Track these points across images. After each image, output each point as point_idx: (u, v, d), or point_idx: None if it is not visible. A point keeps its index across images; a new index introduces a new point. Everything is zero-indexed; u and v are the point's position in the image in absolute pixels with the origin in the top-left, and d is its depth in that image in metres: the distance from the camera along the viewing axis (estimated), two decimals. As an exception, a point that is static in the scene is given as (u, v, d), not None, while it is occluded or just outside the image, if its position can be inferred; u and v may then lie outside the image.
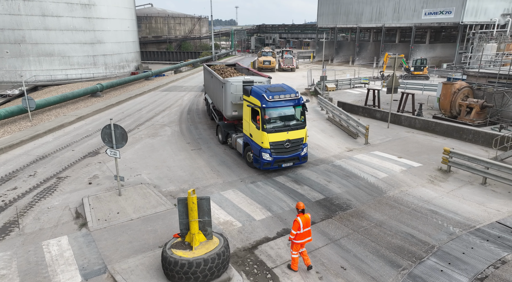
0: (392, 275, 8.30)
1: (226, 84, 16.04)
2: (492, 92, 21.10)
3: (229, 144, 17.24)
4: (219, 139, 18.20)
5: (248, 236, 9.88)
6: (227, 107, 16.48)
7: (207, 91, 23.51)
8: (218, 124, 18.42)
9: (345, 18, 60.94)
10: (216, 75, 18.41)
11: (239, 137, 16.05)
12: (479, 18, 46.61)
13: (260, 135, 13.47)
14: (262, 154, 13.46)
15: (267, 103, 13.28)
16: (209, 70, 21.42)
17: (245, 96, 14.56)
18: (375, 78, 40.40)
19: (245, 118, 14.85)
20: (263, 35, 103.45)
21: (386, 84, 23.15)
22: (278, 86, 14.52)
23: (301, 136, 13.95)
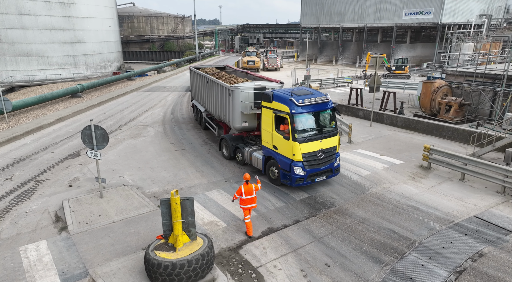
0: (375, 271, 8.42)
1: (235, 91, 14.11)
2: (469, 91, 21.71)
3: (238, 159, 15.02)
4: (224, 155, 15.86)
5: (233, 236, 9.85)
6: (236, 118, 14.54)
7: (195, 97, 21.41)
8: (222, 138, 15.88)
9: (328, 18, 61.56)
10: (216, 81, 16.28)
11: (255, 150, 14.08)
12: (456, 18, 47.89)
13: (289, 146, 11.64)
14: (293, 168, 11.57)
15: (297, 108, 11.54)
16: (201, 75, 19.11)
17: (266, 102, 12.57)
18: (358, 77, 40.98)
19: (265, 127, 12.82)
20: (247, 34, 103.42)
21: (369, 83, 23.52)
22: (301, 89, 12.90)
23: (335, 144, 12.41)
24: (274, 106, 12.18)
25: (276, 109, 12.05)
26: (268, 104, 12.46)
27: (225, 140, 15.65)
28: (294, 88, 13.07)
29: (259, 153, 13.70)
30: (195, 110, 22.22)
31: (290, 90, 12.66)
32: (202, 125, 20.37)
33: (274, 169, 12.67)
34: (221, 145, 16.12)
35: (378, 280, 8.13)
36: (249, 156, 14.18)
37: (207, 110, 18.85)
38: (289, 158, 11.77)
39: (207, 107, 18.52)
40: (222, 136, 16.06)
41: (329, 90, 34.04)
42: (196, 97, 21.33)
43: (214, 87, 16.71)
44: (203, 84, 18.92)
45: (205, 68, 21.67)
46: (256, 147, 14.45)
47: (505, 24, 48.05)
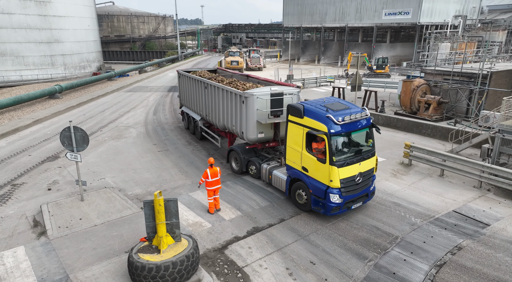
0: (359, 267, 8.55)
1: (250, 98, 12.39)
2: (447, 89, 22.33)
3: (252, 173, 13.55)
4: (233, 168, 14.19)
5: (218, 236, 9.79)
6: (251, 129, 12.78)
7: (187, 104, 19.10)
8: (231, 149, 14.18)
9: (310, 18, 62.07)
10: (221, 86, 14.35)
11: (276, 168, 12.43)
12: (434, 19, 49.18)
13: (325, 171, 9.94)
14: (329, 196, 9.98)
15: (336, 128, 9.76)
16: (196, 79, 16.95)
17: (295, 117, 10.74)
18: (340, 77, 41.50)
19: (291, 145, 11.08)
20: (229, 34, 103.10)
21: (351, 82, 23.87)
22: (333, 100, 11.14)
23: (372, 166, 10.86)
24: (306, 122, 10.34)
25: (309, 126, 10.23)
26: (298, 119, 10.59)
27: (235, 152, 13.90)
28: (325, 99, 11.10)
29: (282, 172, 11.92)
30: (185, 118, 20.08)
31: (321, 102, 10.85)
32: (197, 135, 18.27)
33: (301, 193, 10.94)
34: (229, 157, 14.36)
35: (362, 276, 8.25)
36: (267, 174, 12.45)
37: (204, 118, 16.87)
38: (324, 183, 10.07)
39: (206, 115, 16.36)
40: (231, 147, 14.22)
41: (312, 90, 34.33)
42: (187, 104, 19.02)
43: (217, 94, 14.71)
44: (198, 89, 16.77)
45: (197, 71, 19.47)
46: (275, 163, 12.82)
47: (479, 24, 49.66)
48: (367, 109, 11.77)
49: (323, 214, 10.40)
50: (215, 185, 10.77)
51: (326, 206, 10.16)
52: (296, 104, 10.97)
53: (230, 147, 14.44)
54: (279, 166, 12.54)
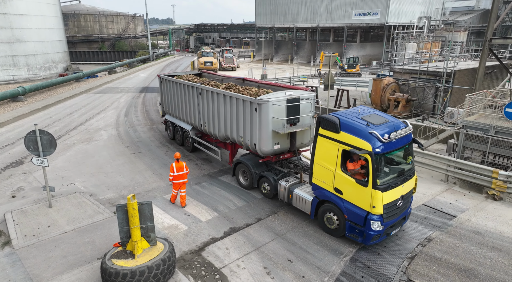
0: (335, 263, 8.70)
1: (264, 106, 10.80)
2: (415, 87, 23.20)
3: (265, 192, 11.79)
4: (240, 183, 12.77)
5: (195, 238, 9.66)
6: (265, 140, 11.14)
7: (173, 112, 17.03)
8: (238, 162, 12.64)
9: (282, 18, 62.59)
10: (223, 92, 12.62)
11: (296, 186, 10.76)
12: (401, 19, 50.95)
13: (366, 195, 8.65)
14: (370, 223, 8.67)
15: (381, 146, 8.43)
16: (186, 85, 15.01)
17: (328, 131, 9.28)
18: (313, 76, 42.12)
19: (320, 162, 9.60)
20: (202, 34, 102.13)
21: (323, 81, 24.27)
22: (370, 112, 9.60)
23: (413, 186, 9.69)
24: (343, 138, 8.90)
25: (347, 143, 8.82)
26: (332, 134, 9.15)
27: (243, 165, 12.40)
28: (360, 109, 9.70)
29: (305, 192, 10.43)
30: (170, 128, 18.01)
31: (356, 113, 9.40)
32: (187, 147, 16.58)
33: (332, 217, 9.59)
34: (236, 171, 12.85)
35: (338, 271, 8.41)
36: (287, 193, 10.83)
37: (197, 128, 15.21)
38: (364, 209, 8.76)
39: (200, 125, 14.60)
40: (239, 160, 12.59)
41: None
42: (173, 112, 16.96)
43: (217, 101, 13.07)
44: (189, 96, 14.96)
45: (182, 75, 17.38)
46: (293, 179, 11.16)
47: (442, 25, 51.94)
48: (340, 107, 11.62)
49: (360, 242, 9.17)
50: (181, 178, 11.11)
51: (365, 235, 8.87)
52: (330, 116, 9.36)
53: (237, 159, 12.71)
54: (299, 183, 10.94)
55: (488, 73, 22.82)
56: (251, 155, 12.76)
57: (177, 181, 11.12)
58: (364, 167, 8.73)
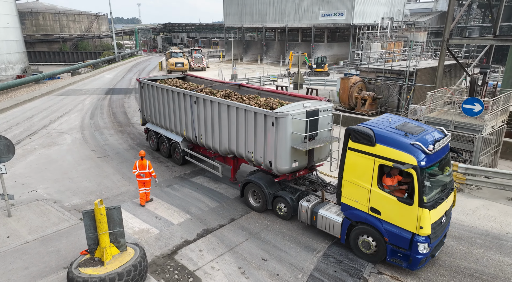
0: (308, 259, 8.82)
1: (283, 120, 9.56)
2: (380, 85, 24.03)
3: (281, 213, 10.57)
4: (251, 205, 11.27)
5: (167, 242, 9.46)
6: (283, 158, 9.91)
7: (158, 121, 15.35)
8: (248, 181, 11.13)
9: (250, 18, 62.74)
10: (231, 103, 11.06)
11: (321, 206, 9.60)
12: (365, 20, 52.59)
13: (411, 215, 7.71)
14: (417, 246, 7.76)
15: (426, 159, 7.60)
16: (176, 91, 13.49)
17: (360, 143, 8.29)
18: (283, 76, 42.56)
19: (351, 179, 8.58)
20: (169, 34, 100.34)
21: (293, 80, 24.59)
22: (401, 121, 8.86)
23: (452, 200, 8.90)
24: (380, 152, 7.98)
25: (386, 157, 7.87)
26: (365, 147, 8.20)
27: (254, 185, 10.96)
28: (390, 118, 8.89)
29: (332, 212, 9.32)
30: (153, 138, 16.40)
31: (387, 122, 8.63)
32: (176, 160, 14.98)
33: (368, 240, 8.51)
34: (245, 191, 11.38)
35: (312, 267, 8.53)
36: (309, 215, 9.67)
37: (190, 140, 13.73)
38: (409, 230, 7.84)
39: (196, 136, 13.12)
40: (248, 179, 11.10)
41: (256, 89, 34.71)
42: (158, 121, 15.32)
43: (220, 111, 11.58)
44: (181, 104, 13.40)
45: (167, 79, 15.91)
46: (314, 198, 10.02)
47: (404, 26, 54.19)
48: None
49: (405, 268, 8.19)
50: (143, 177, 11.19)
51: (411, 259, 7.92)
52: (362, 127, 8.40)
53: (247, 178, 11.17)
54: (321, 202, 9.85)
55: (446, 72, 24.06)
56: (261, 173, 11.36)
57: (140, 179, 11.22)
58: (403, 183, 8.02)
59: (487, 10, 56.41)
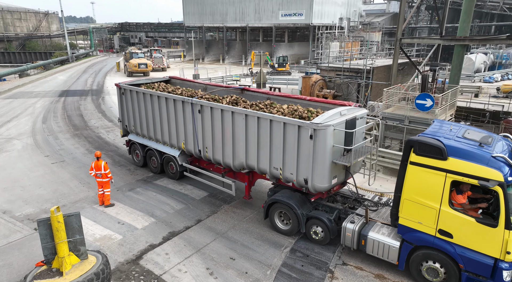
0: (276, 255, 8.91)
1: (322, 131, 8.29)
2: (340, 83, 24.83)
3: (317, 238, 9.30)
4: (277, 228, 9.92)
5: (131, 247, 9.13)
6: (321, 174, 8.65)
7: (145, 132, 13.43)
8: (274, 201, 9.76)
9: (211, 17, 62.22)
10: (248, 112, 9.58)
11: (371, 229, 8.42)
12: (324, 20, 54.07)
13: (496, 238, 6.81)
14: (501, 273, 6.89)
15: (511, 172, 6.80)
16: (173, 99, 11.67)
17: (428, 157, 7.30)
18: (246, 75, 42.65)
19: (414, 197, 7.55)
20: (127, 33, 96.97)
21: (256, 80, 24.74)
22: (463, 127, 8.17)
23: None
24: (454, 166, 7.03)
25: (462, 172, 6.95)
26: (435, 162, 7.21)
27: (282, 206, 9.59)
28: (450, 126, 8.17)
29: (386, 235, 8.21)
30: (138, 152, 14.25)
31: (448, 131, 7.83)
32: (170, 175, 13.35)
33: (436, 267, 7.59)
34: (270, 212, 9.95)
35: (279, 263, 8.63)
36: (356, 238, 8.50)
37: (192, 154, 11.95)
38: (491, 256, 6.94)
39: (199, 150, 11.37)
40: (276, 199, 9.66)
41: (219, 88, 34.48)
42: (147, 133, 13.37)
43: (234, 122, 10.00)
44: (179, 113, 11.66)
45: (152, 83, 14.17)
46: (358, 218, 8.84)
47: (360, 26, 56.40)
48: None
49: None
50: (100, 177, 11.02)
51: None
52: (428, 138, 7.39)
53: (273, 198, 9.75)
54: (365, 223, 8.72)
55: (400, 69, 25.35)
56: (287, 190, 9.96)
57: (98, 180, 11.09)
58: (474, 199, 7.31)
59: (434, 12, 60.21)
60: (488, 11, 55.82)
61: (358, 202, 9.68)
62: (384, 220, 8.70)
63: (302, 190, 9.45)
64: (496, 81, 37.14)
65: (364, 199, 9.77)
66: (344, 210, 9.32)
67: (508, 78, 39.40)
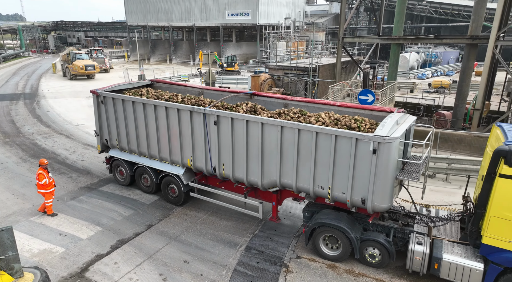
0: (231, 255, 8.84)
1: (387, 145, 7.31)
2: (288, 82, 25.38)
3: (374, 261, 8.33)
4: (325, 253, 8.74)
5: (75, 260, 8.49)
6: (383, 192, 7.68)
7: (137, 147, 11.42)
8: (321, 224, 8.52)
9: (155, 16, 60.25)
10: (286, 124, 8.25)
11: (444, 250, 7.49)
12: (270, 20, 54.95)
13: None
14: None
15: None
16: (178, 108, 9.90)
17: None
18: (194, 75, 41.95)
19: (505, 214, 6.66)
20: (63, 33, 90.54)
21: (205, 79, 24.40)
22: None
23: None
24: None
25: None
26: None
27: (331, 229, 8.44)
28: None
29: (463, 257, 7.30)
30: (119, 168, 12.46)
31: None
32: (170, 198, 11.42)
33: None
34: (314, 236, 8.77)
35: (235, 262, 8.57)
36: (427, 260, 7.61)
37: (207, 173, 10.25)
38: None
39: (214, 167, 9.85)
40: (322, 222, 8.46)
41: (167, 89, 33.50)
42: (137, 148, 11.42)
43: (267, 135, 8.62)
44: (185, 125, 9.97)
45: (134, 89, 12.44)
46: (423, 237, 7.86)
47: (305, 26, 58.20)
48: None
49: None
50: (39, 188, 10.34)
51: None
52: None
53: (319, 222, 8.51)
54: (432, 242, 7.78)
55: (344, 67, 26.57)
56: (331, 211, 8.75)
57: (50, 190, 10.35)
58: None
59: (372, 14, 64.05)
60: (418, 13, 60.70)
61: (409, 218, 8.70)
62: (451, 238, 7.78)
63: (348, 209, 8.44)
64: (427, 77, 40.52)
65: (414, 213, 8.78)
66: (400, 228, 8.30)
67: (438, 74, 43.19)
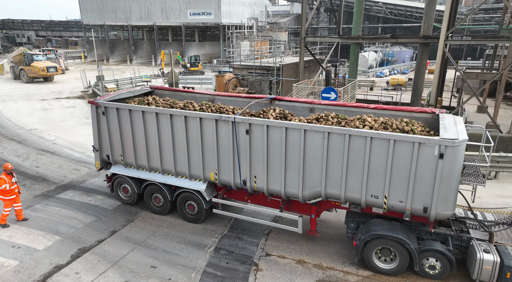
0: (200, 257, 8.69)
1: (455, 149, 6.96)
2: (252, 81, 25.44)
3: (434, 273, 7.85)
4: (378, 267, 8.16)
5: (31, 272, 7.95)
6: (447, 197, 7.29)
7: (145, 162, 10.24)
8: (375, 236, 7.94)
9: (113, 15, 58.03)
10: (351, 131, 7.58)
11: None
12: (233, 20, 54.82)
13: None
14: None
15: None
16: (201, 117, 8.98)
17: None
18: (157, 76, 40.89)
19: None
20: (11, 32, 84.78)
21: (167, 80, 23.84)
22: None
23: None
24: None
25: None
26: None
27: (387, 241, 7.88)
28: None
29: None
30: (125, 188, 11.15)
31: None
32: (188, 217, 10.33)
33: None
34: (367, 249, 8.13)
35: (204, 264, 8.44)
36: (498, 271, 7.20)
37: (234, 186, 9.37)
38: None
39: (243, 180, 9.06)
40: (378, 233, 7.89)
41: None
42: (147, 163, 10.24)
43: (310, 142, 8.01)
44: (208, 135, 9.09)
45: (137, 97, 11.35)
46: (487, 245, 7.55)
47: (268, 26, 58.69)
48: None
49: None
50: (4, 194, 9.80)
51: None
52: None
53: (374, 233, 7.90)
54: (496, 248, 7.44)
55: (306, 66, 27.06)
56: (382, 221, 8.26)
57: (9, 197, 9.77)
58: None
59: (332, 14, 65.87)
60: (375, 14, 63.25)
61: (461, 223, 8.36)
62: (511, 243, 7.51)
63: (397, 218, 8.06)
64: (385, 75, 42.33)
65: (464, 218, 8.44)
66: (457, 235, 7.91)
67: (395, 73, 45.29)
